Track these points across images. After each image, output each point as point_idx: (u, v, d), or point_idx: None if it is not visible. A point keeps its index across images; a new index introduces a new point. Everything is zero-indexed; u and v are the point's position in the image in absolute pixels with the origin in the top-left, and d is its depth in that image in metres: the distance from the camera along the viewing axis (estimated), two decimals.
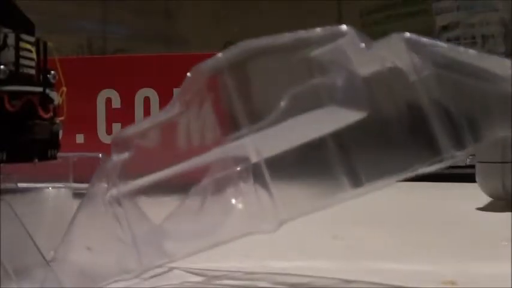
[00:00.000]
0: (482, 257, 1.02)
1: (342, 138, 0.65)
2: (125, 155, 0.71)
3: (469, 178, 1.69)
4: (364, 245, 1.12)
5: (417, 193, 1.95)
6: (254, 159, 0.66)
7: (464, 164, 2.06)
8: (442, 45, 0.65)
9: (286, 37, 0.68)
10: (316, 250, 1.08)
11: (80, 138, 2.30)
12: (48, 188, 0.91)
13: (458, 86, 0.64)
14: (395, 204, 1.68)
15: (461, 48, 0.65)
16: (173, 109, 0.71)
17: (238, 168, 0.67)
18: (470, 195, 1.65)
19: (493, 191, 1.59)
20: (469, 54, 0.64)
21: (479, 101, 0.64)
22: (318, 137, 0.65)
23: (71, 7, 3.54)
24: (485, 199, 1.60)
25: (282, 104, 0.66)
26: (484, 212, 1.51)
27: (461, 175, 1.97)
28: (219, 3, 3.30)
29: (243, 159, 0.67)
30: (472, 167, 1.66)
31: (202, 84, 0.70)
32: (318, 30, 0.67)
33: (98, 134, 2.35)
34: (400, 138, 0.66)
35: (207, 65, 0.70)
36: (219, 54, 0.69)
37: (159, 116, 0.73)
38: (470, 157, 1.93)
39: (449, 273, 0.87)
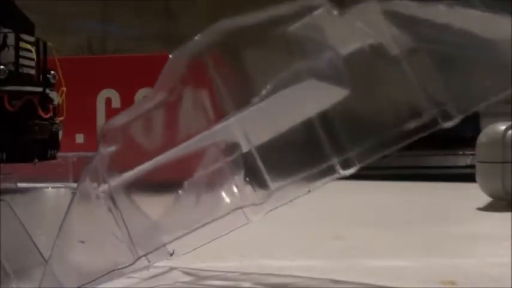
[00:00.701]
0: (482, 256, 1.02)
1: (327, 118, 0.65)
2: (113, 148, 0.71)
3: (469, 178, 1.69)
4: (365, 245, 1.12)
5: (417, 193, 1.94)
6: (245, 147, 0.66)
7: (464, 164, 2.06)
8: (423, 10, 0.64)
9: (261, 15, 0.67)
10: (317, 250, 1.08)
11: (79, 138, 2.29)
12: (48, 187, 0.91)
13: (440, 57, 0.63)
14: (396, 204, 1.68)
15: (456, 9, 0.64)
16: (158, 96, 0.70)
17: (230, 159, 0.67)
18: (471, 195, 1.65)
19: (493, 191, 1.59)
20: (458, 17, 0.64)
21: (463, 71, 0.64)
22: (305, 119, 0.65)
23: (71, 7, 3.54)
24: (486, 199, 1.60)
25: (267, 89, 0.66)
26: (484, 212, 1.51)
27: (462, 175, 1.97)
28: (219, 3, 3.30)
29: (233, 146, 0.67)
30: (472, 167, 1.66)
31: (184, 69, 0.69)
32: (293, 4, 0.67)
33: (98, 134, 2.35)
34: (385, 113, 0.66)
35: (187, 49, 0.69)
36: (197, 37, 0.69)
37: (144, 104, 0.73)
38: (471, 157, 1.93)
39: (449, 273, 0.87)
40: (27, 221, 0.80)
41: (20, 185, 0.91)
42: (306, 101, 0.66)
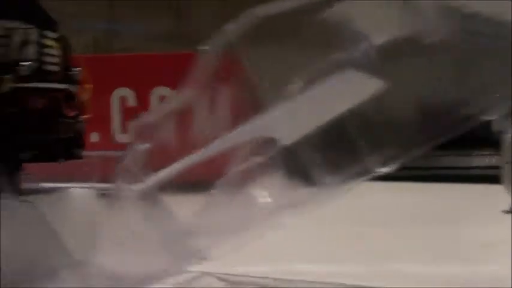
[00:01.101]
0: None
1: (363, 117, 0.63)
2: (147, 145, 0.69)
3: (493, 179, 1.66)
4: (373, 247, 1.11)
5: (441, 194, 1.91)
6: (283, 142, 0.64)
7: (486, 165, 2.02)
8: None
9: (293, 1, 0.66)
10: (318, 252, 1.07)
11: (94, 137, 2.28)
12: (72, 187, 0.89)
13: (480, 50, 0.61)
14: (412, 205, 1.65)
15: None
16: (191, 91, 0.69)
17: (264, 158, 0.66)
18: (497, 198, 1.62)
19: None
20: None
21: (502, 64, 0.62)
22: (340, 118, 0.64)
23: (78, 7, 3.53)
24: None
25: (303, 80, 0.65)
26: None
27: (483, 176, 1.94)
28: (229, 1, 3.29)
29: (269, 144, 0.65)
30: (496, 168, 1.63)
31: (215, 63, 0.68)
32: None
33: (113, 132, 2.33)
34: (419, 110, 0.64)
35: (218, 41, 0.68)
36: (227, 27, 0.67)
37: (177, 99, 0.72)
38: (494, 158, 1.90)
39: (448, 273, 0.86)
40: (52, 221, 0.78)
41: (44, 185, 0.89)
42: (344, 93, 0.65)
